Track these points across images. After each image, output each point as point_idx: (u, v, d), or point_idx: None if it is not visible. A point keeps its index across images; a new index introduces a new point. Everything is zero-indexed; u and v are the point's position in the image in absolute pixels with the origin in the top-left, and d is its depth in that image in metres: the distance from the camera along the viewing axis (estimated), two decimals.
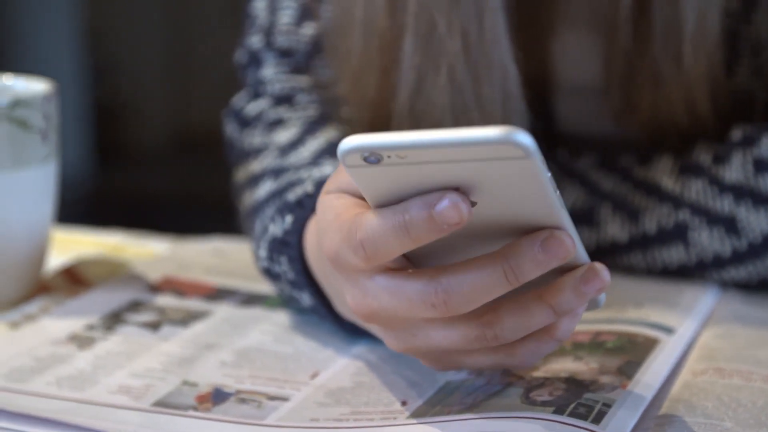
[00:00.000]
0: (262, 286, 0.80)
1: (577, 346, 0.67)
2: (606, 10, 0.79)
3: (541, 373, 0.64)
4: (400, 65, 0.76)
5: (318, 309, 0.72)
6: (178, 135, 3.20)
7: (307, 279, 0.72)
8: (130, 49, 3.17)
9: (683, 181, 0.78)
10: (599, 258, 0.74)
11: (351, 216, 0.57)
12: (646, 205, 0.79)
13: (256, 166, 0.83)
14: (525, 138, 0.51)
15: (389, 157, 0.53)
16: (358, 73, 0.79)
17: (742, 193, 0.76)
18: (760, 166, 0.76)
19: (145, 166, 3.15)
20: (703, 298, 0.76)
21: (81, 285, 0.82)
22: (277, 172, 0.80)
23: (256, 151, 0.84)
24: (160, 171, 3.10)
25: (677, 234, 0.78)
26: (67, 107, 0.82)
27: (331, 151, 0.79)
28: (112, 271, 0.84)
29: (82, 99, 3.03)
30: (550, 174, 0.53)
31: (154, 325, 0.75)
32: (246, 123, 0.87)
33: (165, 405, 0.64)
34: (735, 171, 0.77)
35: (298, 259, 0.71)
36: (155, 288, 0.81)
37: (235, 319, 0.76)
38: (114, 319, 0.76)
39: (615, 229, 0.80)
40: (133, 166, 3.14)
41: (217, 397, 0.65)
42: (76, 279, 0.83)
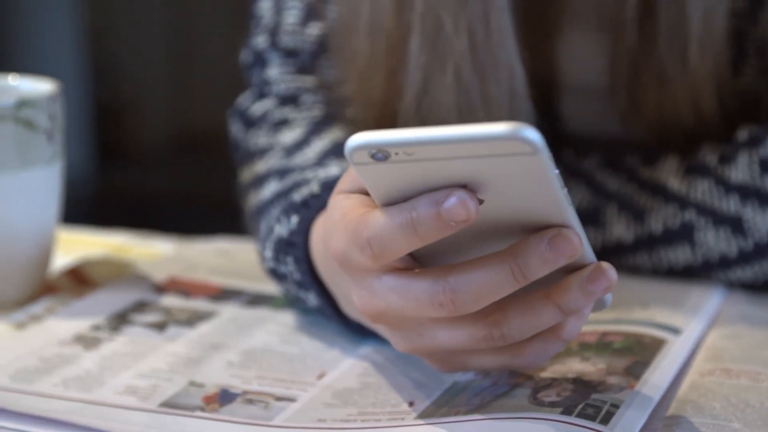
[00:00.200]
0: (267, 287, 0.80)
1: (584, 347, 0.67)
2: (612, 10, 0.79)
3: (548, 373, 0.64)
4: (407, 65, 0.76)
5: (324, 309, 0.72)
6: (179, 135, 3.20)
7: (313, 279, 0.71)
8: (131, 49, 3.17)
9: (689, 182, 0.78)
10: (605, 258, 0.73)
11: (358, 215, 0.57)
12: (651, 206, 0.79)
13: (261, 166, 0.83)
14: (533, 134, 0.51)
15: (397, 154, 0.53)
16: (364, 73, 0.79)
17: (749, 193, 0.76)
18: (767, 166, 0.76)
19: (146, 166, 3.15)
20: (710, 299, 0.76)
21: (86, 285, 0.82)
22: (282, 173, 0.80)
23: (261, 152, 0.84)
24: (160, 171, 3.09)
25: (683, 234, 0.78)
26: (68, 107, 0.81)
27: (336, 152, 0.79)
28: (118, 272, 0.84)
29: (83, 99, 3.03)
30: (557, 171, 0.53)
31: (160, 326, 0.75)
32: (251, 123, 0.87)
33: (172, 406, 0.64)
34: (741, 171, 0.77)
35: (304, 260, 0.71)
36: (161, 288, 0.81)
37: (241, 319, 0.76)
38: (120, 320, 0.76)
39: (621, 229, 0.80)
40: (134, 166, 3.14)
41: (224, 397, 0.65)
42: (81, 279, 0.83)
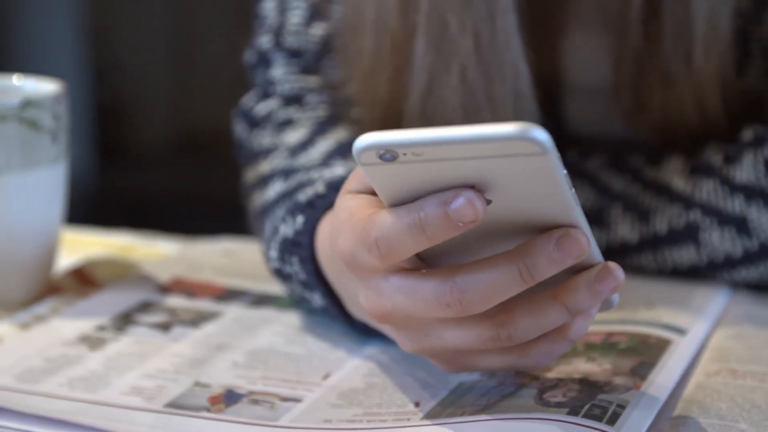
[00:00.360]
0: (272, 287, 0.80)
1: (590, 347, 0.67)
2: (617, 11, 0.79)
3: (554, 374, 0.64)
4: (412, 65, 0.76)
5: (329, 309, 0.72)
6: (181, 135, 3.20)
7: (318, 279, 0.71)
8: (132, 49, 3.17)
9: (694, 182, 0.78)
10: (609, 259, 0.74)
11: (365, 215, 0.57)
12: (656, 206, 0.79)
13: (265, 166, 0.83)
14: (541, 134, 0.51)
15: (405, 154, 0.52)
16: (369, 74, 0.79)
17: (753, 193, 0.76)
18: None
19: (147, 166, 3.15)
20: (715, 299, 0.76)
21: (91, 286, 0.82)
22: (287, 173, 0.80)
23: (266, 152, 0.84)
24: (161, 171, 3.09)
25: (688, 234, 0.78)
26: (69, 107, 0.81)
27: (341, 152, 0.79)
28: (122, 272, 0.84)
29: (84, 99, 3.03)
30: (565, 171, 0.53)
31: (164, 326, 0.75)
32: (255, 123, 0.87)
33: (177, 406, 0.63)
34: (746, 171, 0.77)
35: (310, 260, 0.71)
36: (165, 289, 0.81)
37: (245, 319, 0.76)
38: (124, 320, 0.75)
39: (625, 229, 0.79)
40: (135, 166, 3.14)
41: (229, 398, 0.64)
42: (85, 280, 0.83)
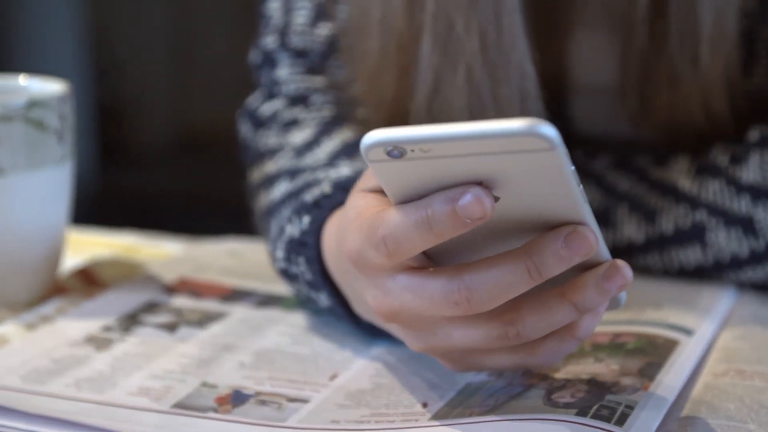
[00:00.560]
0: (278, 287, 0.80)
1: (597, 348, 0.67)
2: (623, 11, 0.79)
3: (562, 374, 0.64)
4: (418, 65, 0.76)
5: (335, 309, 0.72)
6: (182, 135, 3.20)
7: (324, 279, 0.71)
8: (133, 49, 3.17)
9: (700, 182, 0.78)
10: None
11: (372, 213, 0.57)
12: (662, 206, 0.79)
13: (271, 166, 0.83)
14: (550, 130, 0.51)
15: (413, 151, 0.52)
16: (375, 74, 0.79)
17: (760, 193, 0.76)
18: None
19: (148, 166, 3.15)
20: (721, 300, 0.76)
21: (96, 286, 0.81)
22: (292, 173, 0.80)
23: (271, 152, 0.84)
24: (162, 171, 3.09)
25: (694, 235, 0.78)
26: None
27: (347, 152, 0.79)
28: (127, 272, 0.84)
29: (85, 99, 3.03)
30: (573, 167, 0.53)
31: (171, 327, 0.75)
32: (260, 123, 0.87)
33: (185, 407, 0.63)
34: (752, 171, 0.77)
35: (316, 260, 0.71)
36: (171, 289, 0.81)
37: (252, 320, 0.76)
38: (130, 321, 0.75)
39: (631, 229, 0.79)
40: (136, 167, 3.14)
41: (236, 398, 0.64)
42: (91, 280, 0.83)
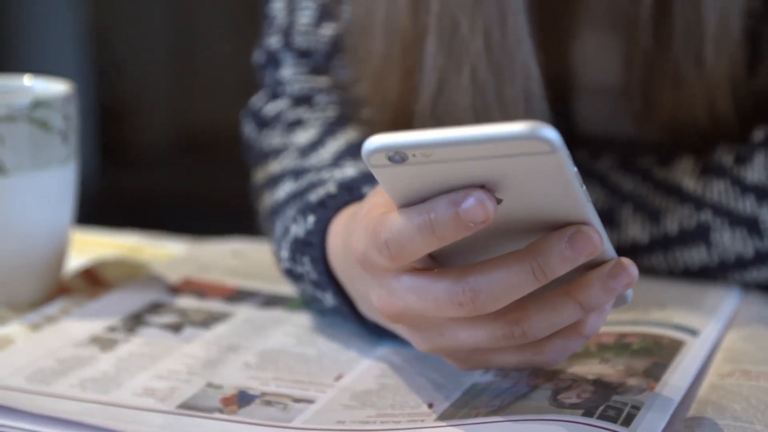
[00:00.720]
0: (283, 288, 0.80)
1: (603, 348, 0.67)
2: (627, 11, 0.79)
3: (567, 375, 0.63)
4: (422, 66, 0.76)
5: (341, 309, 0.72)
6: (182, 135, 3.20)
7: (329, 279, 0.71)
8: (133, 50, 3.17)
9: (705, 182, 0.78)
10: None
11: (378, 214, 0.57)
12: (667, 206, 0.79)
13: (275, 166, 0.82)
14: (551, 133, 0.51)
15: (414, 155, 0.52)
16: (380, 74, 0.79)
17: (765, 193, 0.76)
18: None
19: (149, 166, 3.14)
20: (726, 300, 0.76)
21: (100, 286, 0.81)
22: (297, 173, 0.79)
23: (275, 152, 0.84)
24: (163, 171, 3.09)
25: (699, 235, 0.78)
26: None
27: (351, 152, 0.79)
28: (131, 273, 0.84)
29: (85, 99, 3.03)
30: (576, 169, 0.53)
31: (175, 327, 0.75)
32: (264, 123, 0.86)
33: (190, 407, 0.63)
34: (757, 171, 0.77)
35: (321, 260, 0.71)
36: (175, 289, 0.81)
37: (256, 320, 0.76)
38: (135, 321, 0.75)
39: (636, 230, 0.79)
40: (137, 167, 3.14)
41: (242, 399, 0.64)
42: (95, 280, 0.82)
